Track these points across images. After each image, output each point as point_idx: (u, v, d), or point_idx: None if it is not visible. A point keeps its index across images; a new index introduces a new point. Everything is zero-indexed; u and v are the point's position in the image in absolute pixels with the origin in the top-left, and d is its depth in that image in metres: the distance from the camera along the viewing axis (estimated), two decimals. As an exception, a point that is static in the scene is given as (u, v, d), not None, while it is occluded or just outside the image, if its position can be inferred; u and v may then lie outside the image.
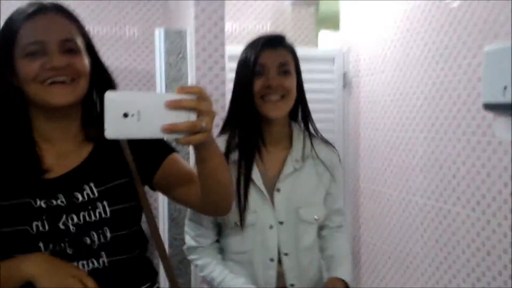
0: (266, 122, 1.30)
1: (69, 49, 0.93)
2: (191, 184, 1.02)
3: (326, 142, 1.41)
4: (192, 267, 2.37)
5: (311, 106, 1.39)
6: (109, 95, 0.78)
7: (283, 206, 1.29)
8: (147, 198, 1.05)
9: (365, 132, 2.62)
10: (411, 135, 2.19)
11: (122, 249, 1.01)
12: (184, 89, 0.80)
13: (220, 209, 1.07)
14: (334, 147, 1.42)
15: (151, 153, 1.05)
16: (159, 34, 2.31)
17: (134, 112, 0.78)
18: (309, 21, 3.27)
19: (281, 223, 1.29)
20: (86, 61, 0.96)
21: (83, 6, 2.97)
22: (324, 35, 3.39)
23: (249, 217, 1.28)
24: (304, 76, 1.36)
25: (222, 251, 1.36)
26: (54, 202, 0.95)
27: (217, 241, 1.36)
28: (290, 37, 1.37)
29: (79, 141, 1.01)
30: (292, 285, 1.31)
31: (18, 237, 0.93)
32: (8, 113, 0.94)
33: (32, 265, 0.87)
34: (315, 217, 1.33)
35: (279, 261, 1.30)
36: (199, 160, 0.92)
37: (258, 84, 1.25)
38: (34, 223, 0.92)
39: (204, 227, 1.32)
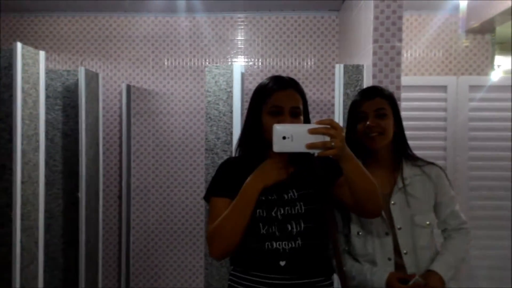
0: (370, 151, 1.63)
1: (295, 113, 1.39)
2: (345, 187, 1.37)
3: (428, 162, 1.66)
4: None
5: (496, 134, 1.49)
6: (275, 126, 1.26)
7: (400, 215, 1.58)
8: (328, 203, 1.46)
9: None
10: None
11: (310, 236, 1.38)
12: (320, 121, 1.22)
13: (367, 211, 1.38)
14: (436, 164, 1.66)
15: (333, 171, 1.40)
16: (339, 69, 2.57)
17: (289, 136, 1.24)
18: (484, 48, 3.22)
19: (399, 228, 1.57)
20: (302, 119, 1.42)
21: (279, 42, 3.40)
22: (500, 60, 3.29)
23: (366, 227, 1.59)
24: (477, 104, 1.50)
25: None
26: (270, 198, 1.38)
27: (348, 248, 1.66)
28: (465, 65, 1.53)
29: (286, 162, 1.42)
30: None
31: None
32: (252, 135, 1.44)
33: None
34: (427, 222, 1.59)
35: (400, 259, 1.56)
36: (343, 170, 1.28)
37: (360, 126, 1.61)
38: (258, 210, 1.37)
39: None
